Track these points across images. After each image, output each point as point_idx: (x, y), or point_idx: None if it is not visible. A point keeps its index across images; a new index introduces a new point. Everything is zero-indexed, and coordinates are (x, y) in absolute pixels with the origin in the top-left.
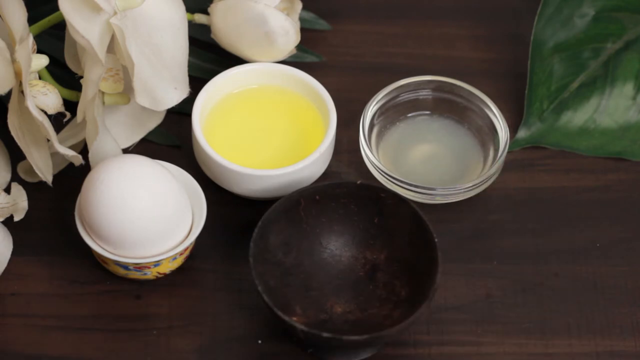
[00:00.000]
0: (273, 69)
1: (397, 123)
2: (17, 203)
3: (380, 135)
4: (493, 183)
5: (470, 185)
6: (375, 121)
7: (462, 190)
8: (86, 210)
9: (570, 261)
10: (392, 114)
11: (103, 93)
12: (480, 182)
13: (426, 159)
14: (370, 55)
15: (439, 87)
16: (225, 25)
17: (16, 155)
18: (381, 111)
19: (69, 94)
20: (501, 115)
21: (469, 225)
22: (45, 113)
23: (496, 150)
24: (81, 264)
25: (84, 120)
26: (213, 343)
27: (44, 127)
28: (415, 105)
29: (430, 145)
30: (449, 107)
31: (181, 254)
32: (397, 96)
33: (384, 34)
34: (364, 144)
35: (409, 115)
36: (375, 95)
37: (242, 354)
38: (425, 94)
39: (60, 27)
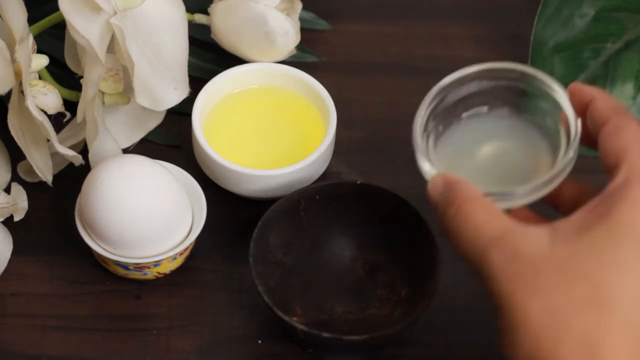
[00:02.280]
0: (273, 69)
1: (451, 126)
2: (17, 203)
3: (434, 145)
4: None
5: (549, 177)
6: (427, 129)
7: (540, 186)
8: (86, 210)
9: None
10: (442, 118)
11: (103, 93)
12: (558, 172)
13: (488, 160)
14: (370, 55)
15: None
16: (225, 25)
17: (16, 155)
18: (431, 118)
19: (69, 94)
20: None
21: None
22: (45, 113)
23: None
24: (81, 264)
25: (84, 120)
26: (213, 343)
27: (44, 127)
28: (467, 104)
29: (491, 146)
30: (505, 96)
31: (181, 254)
32: (445, 97)
33: (384, 34)
34: (423, 159)
35: (463, 116)
36: (422, 103)
37: (242, 354)
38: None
39: (60, 27)
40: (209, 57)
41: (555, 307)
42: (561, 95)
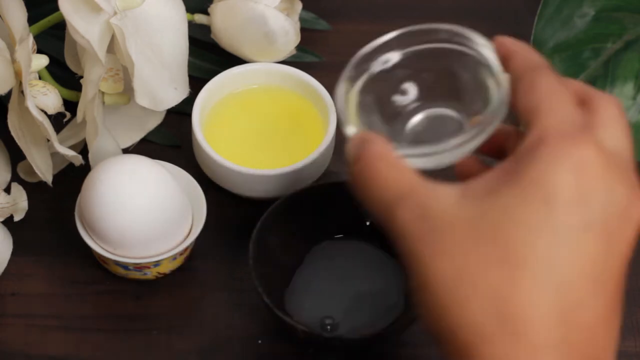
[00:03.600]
0: (273, 69)
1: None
2: (17, 203)
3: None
4: None
5: (471, 134)
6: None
7: (461, 143)
8: (86, 210)
9: None
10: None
11: (103, 93)
12: (485, 121)
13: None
14: None
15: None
16: (225, 26)
17: (16, 155)
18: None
19: (69, 94)
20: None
21: None
22: (45, 113)
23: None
24: (81, 264)
25: (84, 120)
26: (213, 343)
27: (44, 127)
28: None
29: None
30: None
31: (181, 254)
32: (369, 66)
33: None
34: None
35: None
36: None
37: (242, 354)
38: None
39: (60, 27)
40: (209, 57)
41: (463, 267)
42: (489, 52)
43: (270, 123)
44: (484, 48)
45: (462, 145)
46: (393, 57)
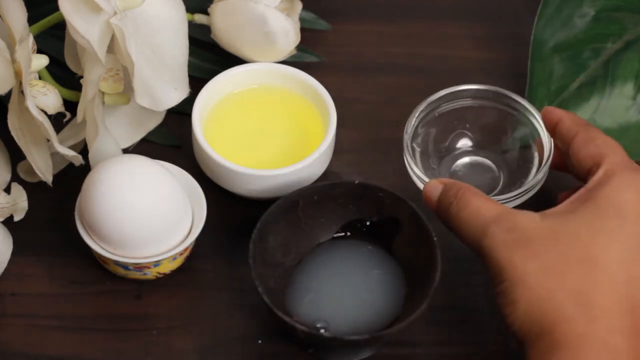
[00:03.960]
0: (273, 69)
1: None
2: (17, 203)
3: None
4: None
5: (521, 191)
6: (417, 135)
7: (512, 198)
8: (86, 210)
9: None
10: (431, 125)
11: (103, 93)
12: (529, 188)
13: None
14: (370, 55)
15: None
16: (225, 26)
17: (16, 155)
18: (420, 125)
19: (69, 94)
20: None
21: None
22: (45, 113)
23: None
24: (81, 264)
25: (84, 120)
26: (213, 343)
27: (44, 127)
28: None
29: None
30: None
31: (181, 254)
32: (436, 108)
33: (384, 34)
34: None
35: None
36: (411, 115)
37: (242, 354)
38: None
39: (60, 27)
40: (209, 57)
41: (550, 266)
42: (539, 120)
43: (270, 123)
44: (533, 115)
45: (508, 200)
46: (454, 105)
